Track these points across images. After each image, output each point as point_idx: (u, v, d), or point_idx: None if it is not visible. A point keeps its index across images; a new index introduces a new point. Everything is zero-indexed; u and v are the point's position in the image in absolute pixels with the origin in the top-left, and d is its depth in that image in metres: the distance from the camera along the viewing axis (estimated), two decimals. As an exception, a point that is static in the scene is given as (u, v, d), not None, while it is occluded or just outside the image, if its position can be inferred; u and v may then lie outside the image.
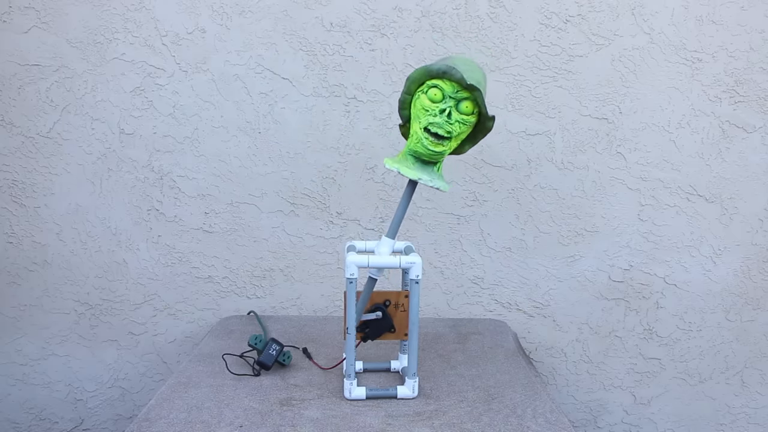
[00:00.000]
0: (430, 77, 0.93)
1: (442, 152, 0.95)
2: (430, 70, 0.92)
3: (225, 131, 1.39)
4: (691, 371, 1.52)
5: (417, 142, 0.94)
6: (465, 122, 0.94)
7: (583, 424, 1.55)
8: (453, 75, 0.91)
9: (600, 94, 1.39)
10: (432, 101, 0.93)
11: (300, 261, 1.45)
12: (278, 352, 1.11)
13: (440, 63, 0.94)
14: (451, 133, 0.93)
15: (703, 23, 1.36)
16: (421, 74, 0.94)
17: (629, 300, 1.48)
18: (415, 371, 1.02)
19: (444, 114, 0.93)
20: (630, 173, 1.42)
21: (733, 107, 1.40)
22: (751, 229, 1.45)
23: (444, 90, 0.92)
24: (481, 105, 0.94)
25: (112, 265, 1.43)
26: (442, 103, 0.93)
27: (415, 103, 0.96)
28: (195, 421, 0.94)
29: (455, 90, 0.92)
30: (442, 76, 0.92)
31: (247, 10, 1.34)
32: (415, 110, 0.95)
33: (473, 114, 0.94)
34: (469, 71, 0.93)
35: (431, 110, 0.93)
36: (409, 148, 0.97)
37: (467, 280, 1.47)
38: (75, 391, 1.50)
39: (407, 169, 0.96)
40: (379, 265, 0.98)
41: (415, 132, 0.95)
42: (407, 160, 0.97)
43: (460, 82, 0.91)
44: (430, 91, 0.93)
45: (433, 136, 0.93)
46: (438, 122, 0.93)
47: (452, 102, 0.93)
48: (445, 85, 0.92)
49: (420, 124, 0.94)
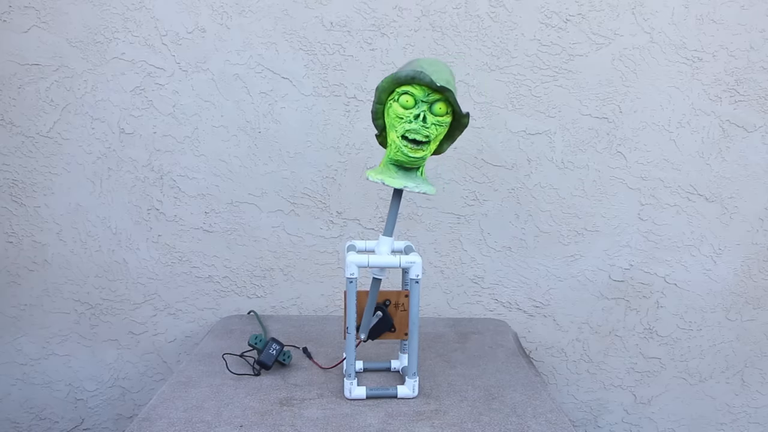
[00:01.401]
0: (399, 84, 0.92)
1: (423, 157, 0.94)
2: (398, 77, 0.92)
3: (225, 131, 1.39)
4: (692, 371, 1.52)
5: (396, 151, 0.94)
6: (440, 123, 0.93)
7: (584, 424, 1.55)
8: (422, 79, 0.90)
9: (600, 94, 1.39)
10: (405, 108, 0.92)
11: (300, 260, 1.45)
12: (278, 352, 1.11)
13: (407, 68, 0.93)
14: (429, 137, 0.93)
15: (703, 22, 1.36)
16: (389, 82, 0.93)
17: (629, 299, 1.48)
18: (415, 371, 1.02)
19: (419, 119, 0.92)
20: (630, 172, 1.42)
21: (733, 106, 1.40)
22: (752, 229, 1.45)
23: (415, 95, 0.92)
24: (454, 104, 0.93)
25: (112, 264, 1.43)
26: (415, 109, 0.92)
27: (388, 112, 0.95)
28: (195, 421, 0.94)
29: (426, 93, 0.92)
30: (411, 82, 0.91)
31: (247, 9, 1.34)
32: (389, 119, 0.95)
33: (447, 114, 0.94)
34: (437, 72, 0.92)
35: (405, 117, 0.92)
36: (389, 157, 0.96)
37: (467, 279, 1.47)
38: (75, 390, 1.50)
39: (391, 179, 0.95)
40: (380, 264, 0.98)
41: (392, 141, 0.94)
42: (389, 169, 0.96)
43: (429, 85, 0.91)
44: (401, 98, 0.92)
45: (411, 143, 0.93)
46: (414, 128, 0.92)
47: (425, 106, 0.92)
48: (416, 90, 0.91)
49: (396, 133, 0.93)
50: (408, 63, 0.97)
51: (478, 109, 1.39)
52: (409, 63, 0.97)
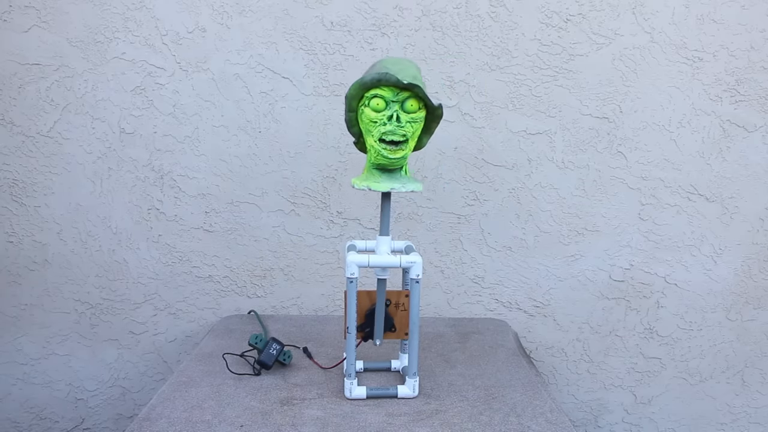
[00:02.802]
0: (367, 89, 0.92)
1: (404, 156, 0.94)
2: (365, 82, 0.92)
3: (225, 130, 1.39)
4: (692, 371, 1.52)
5: (376, 155, 0.94)
6: (415, 120, 0.93)
7: (584, 424, 1.55)
8: (388, 80, 0.90)
9: (601, 94, 1.39)
10: (376, 111, 0.92)
11: (300, 260, 1.45)
12: (279, 352, 1.11)
13: (372, 72, 0.93)
14: (406, 136, 0.93)
15: (703, 22, 1.36)
16: (357, 89, 0.93)
17: (630, 299, 1.48)
18: (415, 371, 1.02)
19: (393, 120, 0.92)
20: (631, 172, 1.42)
21: (733, 106, 1.40)
22: (752, 229, 1.45)
23: (385, 97, 0.92)
24: (424, 98, 0.93)
25: (113, 264, 1.43)
26: (387, 110, 0.92)
27: (361, 118, 0.95)
28: (196, 421, 0.94)
29: (395, 93, 0.92)
30: (378, 84, 0.91)
31: (248, 9, 1.34)
32: (364, 125, 0.95)
33: (420, 109, 0.94)
34: (402, 71, 0.92)
35: (379, 120, 0.92)
36: (370, 162, 0.96)
37: (468, 279, 1.47)
38: (75, 390, 1.50)
39: (377, 184, 0.95)
40: (380, 264, 0.98)
41: (371, 146, 0.94)
42: (373, 174, 0.96)
43: (396, 84, 0.91)
44: (371, 102, 0.92)
45: (389, 144, 0.93)
46: (390, 129, 0.92)
47: (396, 105, 0.92)
48: (384, 91, 0.92)
49: (373, 137, 0.93)
50: (372, 66, 0.97)
51: (479, 109, 1.39)
52: (373, 66, 0.97)
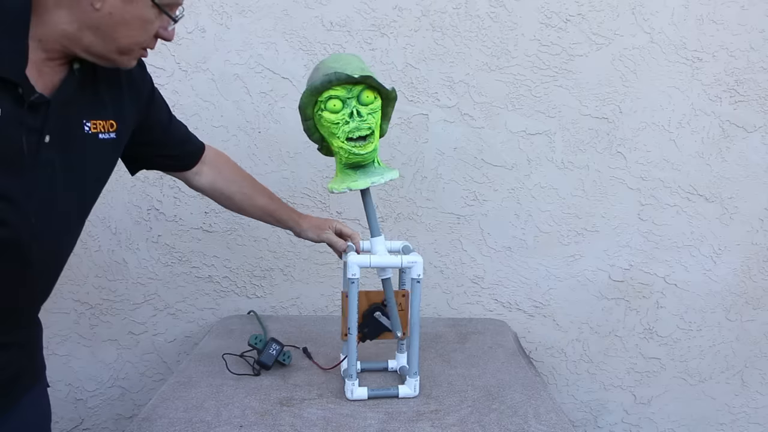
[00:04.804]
0: (319, 93, 0.92)
1: (374, 149, 0.94)
2: (315, 87, 0.91)
3: (225, 131, 1.39)
4: (692, 371, 1.52)
5: (347, 155, 0.93)
6: (374, 110, 0.94)
7: (584, 424, 1.55)
8: (339, 78, 0.90)
9: (600, 94, 1.39)
10: (335, 112, 0.92)
11: (300, 260, 1.45)
12: (278, 352, 1.11)
13: (318, 76, 0.92)
14: (371, 128, 0.93)
15: (703, 23, 1.36)
16: (309, 96, 0.92)
17: (629, 299, 1.48)
18: (416, 370, 1.02)
19: (354, 116, 0.92)
20: (630, 173, 1.42)
21: (733, 107, 1.40)
22: (752, 229, 1.45)
23: (339, 96, 0.91)
24: (378, 86, 0.93)
25: (112, 264, 1.43)
26: (345, 109, 0.92)
27: (320, 123, 0.94)
28: (195, 421, 0.94)
29: (349, 90, 0.92)
30: (330, 86, 0.91)
31: (247, 9, 1.34)
32: (325, 129, 0.94)
33: (376, 98, 0.94)
34: (347, 66, 0.92)
35: (340, 120, 0.92)
36: (342, 164, 0.96)
37: (467, 279, 1.47)
38: (75, 390, 1.49)
39: (355, 183, 0.95)
40: (382, 264, 0.98)
41: (339, 147, 0.93)
42: (348, 175, 0.96)
43: (348, 80, 0.90)
44: (328, 104, 0.92)
45: (357, 141, 0.93)
46: (354, 126, 0.92)
47: (353, 101, 0.92)
48: (337, 91, 0.91)
49: (339, 139, 0.93)
50: (314, 71, 0.96)
51: (478, 109, 1.39)
52: (315, 70, 0.95)
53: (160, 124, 0.93)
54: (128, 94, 0.83)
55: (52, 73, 0.71)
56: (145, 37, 0.73)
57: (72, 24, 0.68)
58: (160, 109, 0.93)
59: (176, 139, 0.98)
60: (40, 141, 0.70)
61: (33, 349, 0.83)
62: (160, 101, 0.93)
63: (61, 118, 0.72)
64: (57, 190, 0.73)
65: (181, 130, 0.99)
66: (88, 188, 0.80)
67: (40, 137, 0.69)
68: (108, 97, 0.79)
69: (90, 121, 0.76)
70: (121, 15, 0.69)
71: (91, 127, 0.76)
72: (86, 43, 0.70)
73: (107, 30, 0.69)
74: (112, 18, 0.69)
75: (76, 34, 0.69)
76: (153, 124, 0.91)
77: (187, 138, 1.01)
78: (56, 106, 0.70)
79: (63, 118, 0.72)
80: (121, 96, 0.81)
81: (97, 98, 0.78)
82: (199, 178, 1.03)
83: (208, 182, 1.04)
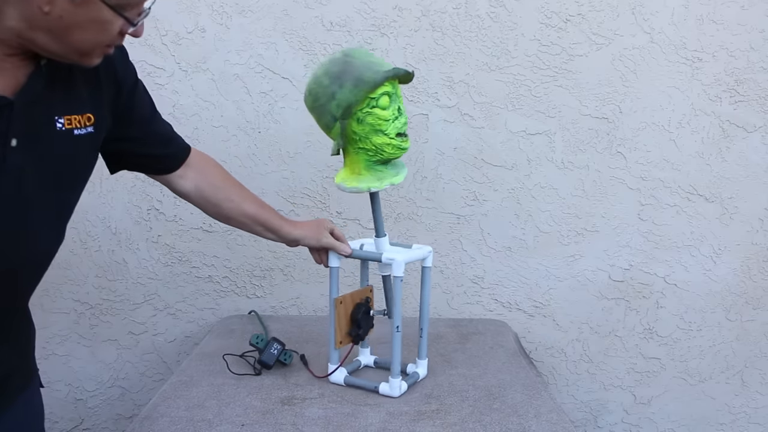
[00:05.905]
0: (377, 87, 0.88)
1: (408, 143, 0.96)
2: (374, 81, 0.88)
3: (225, 131, 1.39)
4: (691, 371, 1.52)
5: (393, 150, 0.93)
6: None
7: (584, 424, 1.55)
8: (397, 73, 0.90)
9: (600, 94, 1.39)
10: (385, 108, 0.91)
11: (300, 260, 1.45)
12: (280, 352, 1.11)
13: (369, 73, 0.88)
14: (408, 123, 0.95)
15: (703, 23, 1.36)
16: (362, 93, 0.88)
17: (629, 300, 1.48)
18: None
19: (402, 111, 0.93)
20: (630, 173, 1.42)
21: (733, 107, 1.40)
22: (751, 229, 1.45)
23: (389, 92, 0.90)
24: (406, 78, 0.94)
25: (112, 264, 1.43)
26: (392, 104, 0.91)
27: (365, 121, 0.90)
28: (197, 420, 0.94)
29: (394, 85, 0.92)
30: (383, 82, 0.88)
31: (247, 9, 1.34)
32: (364, 127, 0.91)
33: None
34: (380, 60, 0.91)
35: (391, 117, 0.91)
36: (372, 161, 0.94)
37: (467, 279, 1.47)
38: (75, 390, 1.49)
39: (396, 177, 0.96)
40: (414, 259, 1.01)
41: (385, 144, 0.92)
42: (375, 171, 0.95)
43: (405, 75, 0.91)
44: (380, 100, 0.90)
45: (404, 136, 0.94)
46: (403, 122, 0.93)
47: (397, 97, 0.93)
48: (387, 87, 0.90)
49: (388, 135, 0.92)
50: (343, 64, 0.91)
51: (478, 109, 1.39)
52: (344, 66, 0.90)
53: (142, 119, 0.87)
54: (106, 83, 0.78)
55: (14, 70, 0.66)
56: (105, 37, 0.67)
57: (22, 23, 0.62)
58: (142, 103, 0.87)
59: (159, 138, 0.92)
60: (6, 145, 0.65)
61: (25, 349, 0.81)
62: (144, 94, 0.87)
63: (29, 118, 0.67)
64: (30, 192, 0.69)
65: (165, 128, 0.94)
66: (66, 185, 0.76)
67: (5, 141, 0.64)
68: (85, 89, 0.74)
69: (63, 117, 0.71)
70: (72, 18, 0.63)
71: (65, 123, 0.71)
72: (41, 43, 0.64)
73: (60, 33, 0.63)
74: (63, 21, 0.63)
75: (29, 34, 0.63)
76: (134, 118, 0.85)
77: (171, 138, 0.95)
78: (21, 107, 0.65)
79: (31, 118, 0.67)
80: (99, 86, 0.76)
81: (71, 92, 0.72)
82: (183, 182, 0.96)
83: (193, 187, 0.97)
